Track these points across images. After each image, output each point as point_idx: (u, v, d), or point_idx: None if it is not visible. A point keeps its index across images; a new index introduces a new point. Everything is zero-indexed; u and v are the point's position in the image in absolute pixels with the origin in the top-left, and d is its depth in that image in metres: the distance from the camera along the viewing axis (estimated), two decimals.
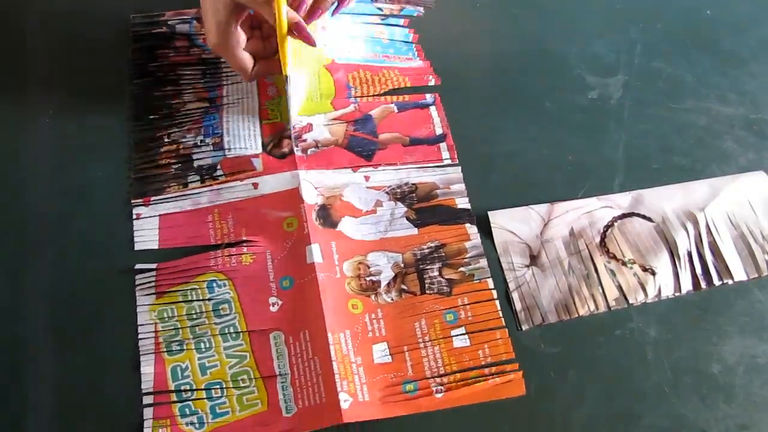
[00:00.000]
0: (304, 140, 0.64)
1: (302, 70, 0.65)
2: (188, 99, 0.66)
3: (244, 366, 0.53)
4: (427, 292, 0.57)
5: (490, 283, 0.58)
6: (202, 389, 0.51)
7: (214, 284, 0.56)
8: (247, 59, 0.61)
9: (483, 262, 0.59)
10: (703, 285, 0.58)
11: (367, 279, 0.57)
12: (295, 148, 0.62)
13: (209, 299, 0.55)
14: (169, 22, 0.72)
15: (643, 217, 0.61)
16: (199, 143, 0.63)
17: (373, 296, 0.57)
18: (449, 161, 0.64)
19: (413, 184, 0.62)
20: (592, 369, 0.54)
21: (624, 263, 0.59)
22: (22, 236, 0.58)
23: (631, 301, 0.57)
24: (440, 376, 0.53)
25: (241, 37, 0.60)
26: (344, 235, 0.59)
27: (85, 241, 0.57)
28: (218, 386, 0.52)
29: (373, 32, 0.72)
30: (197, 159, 0.62)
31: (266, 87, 0.67)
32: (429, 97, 0.68)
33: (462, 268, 0.58)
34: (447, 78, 0.69)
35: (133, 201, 0.59)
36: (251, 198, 0.60)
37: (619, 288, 0.57)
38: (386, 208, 0.61)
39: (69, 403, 0.51)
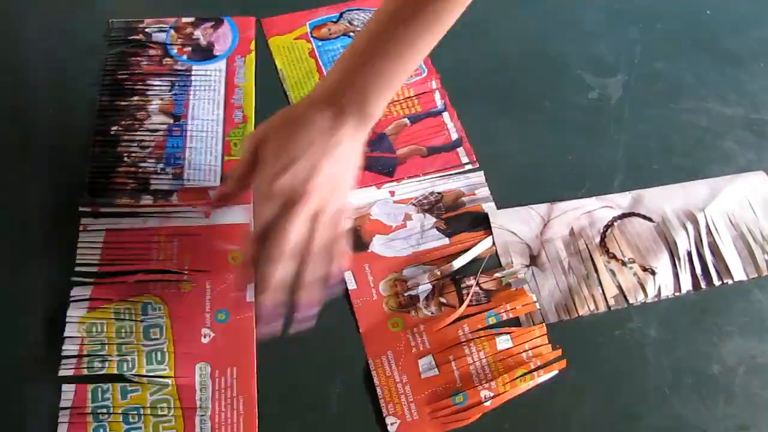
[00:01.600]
0: None
1: None
2: (153, 111, 0.65)
3: (166, 394, 0.51)
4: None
5: (527, 289, 0.57)
6: (119, 413, 0.50)
7: (149, 307, 0.55)
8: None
9: (516, 268, 0.58)
10: (703, 285, 0.58)
11: (405, 295, 0.57)
12: None
13: (141, 320, 0.54)
14: (147, 30, 0.70)
15: (643, 217, 0.61)
16: (159, 170, 0.61)
17: (413, 312, 0.56)
18: (470, 166, 0.64)
19: (438, 193, 0.62)
20: (592, 369, 0.54)
21: (624, 263, 0.59)
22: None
23: (630, 301, 0.57)
24: (488, 381, 0.52)
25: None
26: (377, 255, 0.58)
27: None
28: (136, 411, 0.50)
29: None
30: (155, 184, 0.61)
31: (233, 111, 0.66)
32: (440, 104, 0.67)
33: (497, 274, 0.58)
34: (447, 79, 0.69)
35: (81, 209, 0.58)
36: (201, 226, 0.59)
37: (619, 288, 0.57)
38: (416, 221, 0.60)
39: None
